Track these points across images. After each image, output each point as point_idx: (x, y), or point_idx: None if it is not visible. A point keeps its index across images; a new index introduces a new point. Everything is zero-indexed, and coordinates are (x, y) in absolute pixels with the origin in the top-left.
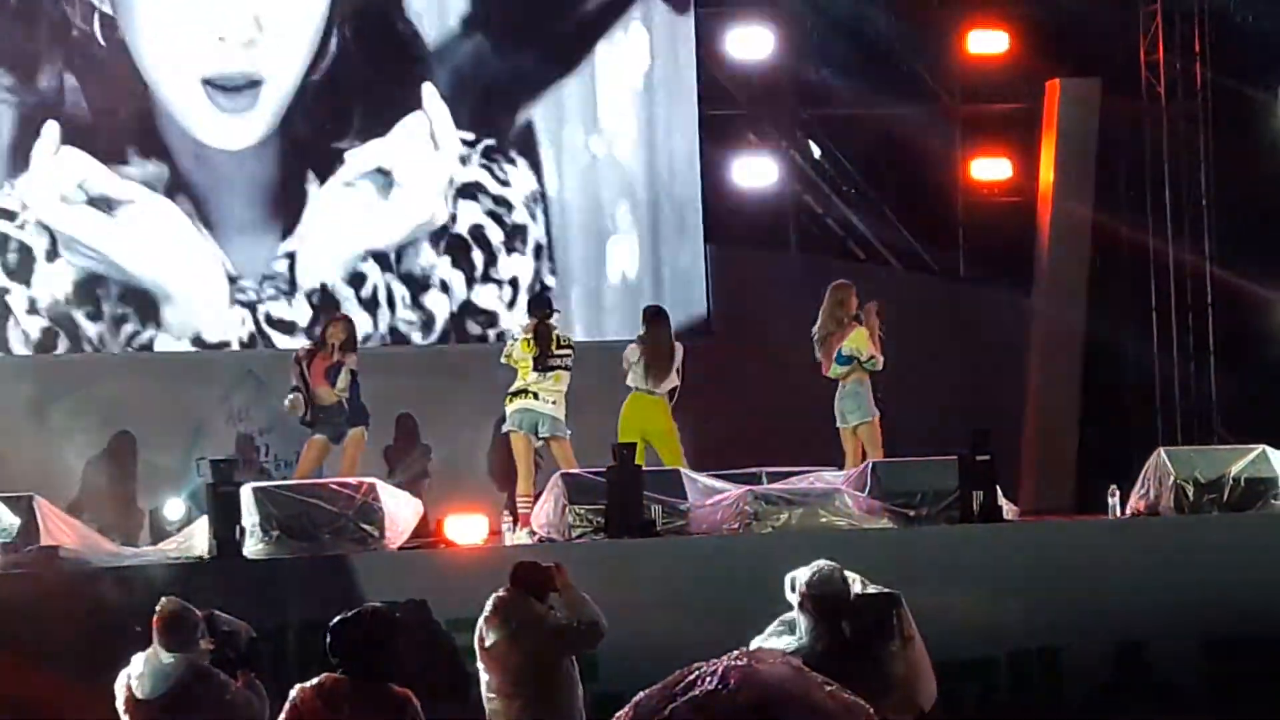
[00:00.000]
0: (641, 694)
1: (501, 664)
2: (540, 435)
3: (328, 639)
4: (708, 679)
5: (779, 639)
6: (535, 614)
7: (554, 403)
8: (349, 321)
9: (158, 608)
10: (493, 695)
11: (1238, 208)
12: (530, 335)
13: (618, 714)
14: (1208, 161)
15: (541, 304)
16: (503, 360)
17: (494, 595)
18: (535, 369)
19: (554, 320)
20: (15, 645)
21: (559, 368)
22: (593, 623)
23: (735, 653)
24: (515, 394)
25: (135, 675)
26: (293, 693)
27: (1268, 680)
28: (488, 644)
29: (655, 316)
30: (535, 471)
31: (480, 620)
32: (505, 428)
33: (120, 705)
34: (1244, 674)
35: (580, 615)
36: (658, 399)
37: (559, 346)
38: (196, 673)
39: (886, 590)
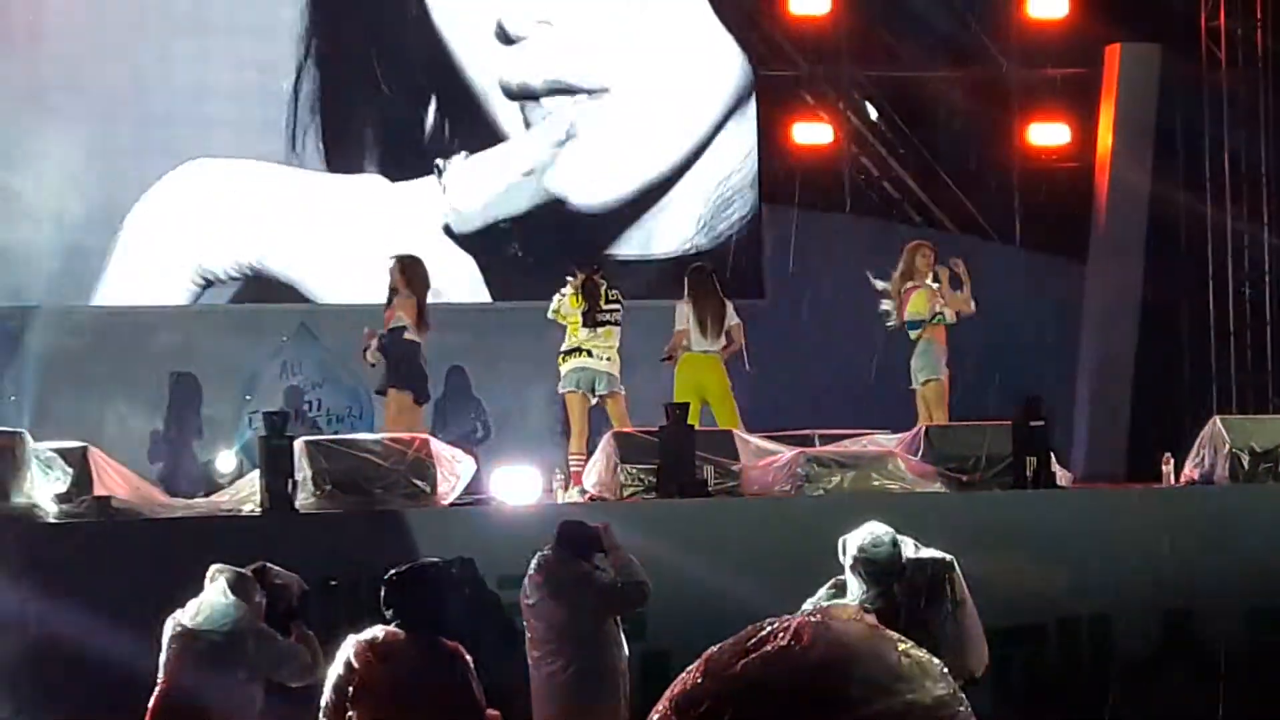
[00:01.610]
0: (713, 648)
1: (545, 622)
2: (597, 393)
3: (381, 591)
4: (780, 635)
5: (831, 601)
6: (580, 573)
7: (608, 359)
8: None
9: (210, 574)
10: (537, 653)
11: None
12: (578, 290)
13: (688, 669)
14: (1267, 129)
15: (587, 260)
16: (550, 315)
17: (538, 553)
18: (585, 325)
19: (600, 275)
20: (70, 595)
21: (608, 323)
22: (638, 583)
23: (809, 609)
24: (569, 353)
25: (190, 611)
26: (346, 644)
27: None
28: (531, 601)
29: (699, 275)
30: (589, 429)
31: (525, 578)
32: (561, 387)
33: (166, 638)
34: None
35: (626, 575)
36: (712, 358)
37: (607, 301)
38: (251, 623)
39: (939, 555)
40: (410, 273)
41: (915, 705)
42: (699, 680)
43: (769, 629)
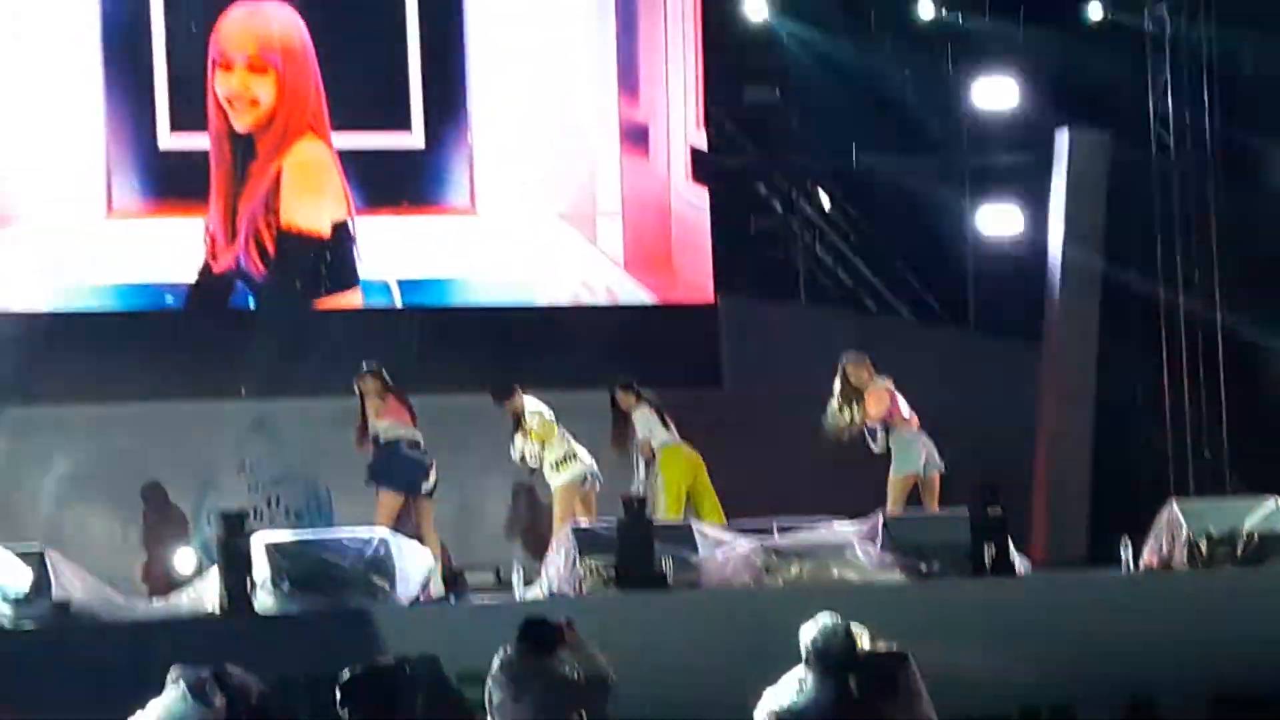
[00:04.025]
0: None
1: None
2: (586, 487)
3: (338, 694)
4: None
5: (787, 693)
6: (543, 670)
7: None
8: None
9: (169, 676)
10: None
11: (1248, 258)
12: (538, 410)
13: None
14: (1218, 212)
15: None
16: (530, 459)
17: (500, 652)
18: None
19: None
20: (26, 700)
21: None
22: (602, 678)
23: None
24: (565, 460)
25: (150, 715)
26: None
27: None
28: (495, 701)
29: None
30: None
31: (489, 677)
32: (573, 486)
33: None
34: None
35: (589, 671)
36: (679, 447)
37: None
38: None
39: (894, 649)
40: (363, 383)
41: None
42: None
43: None
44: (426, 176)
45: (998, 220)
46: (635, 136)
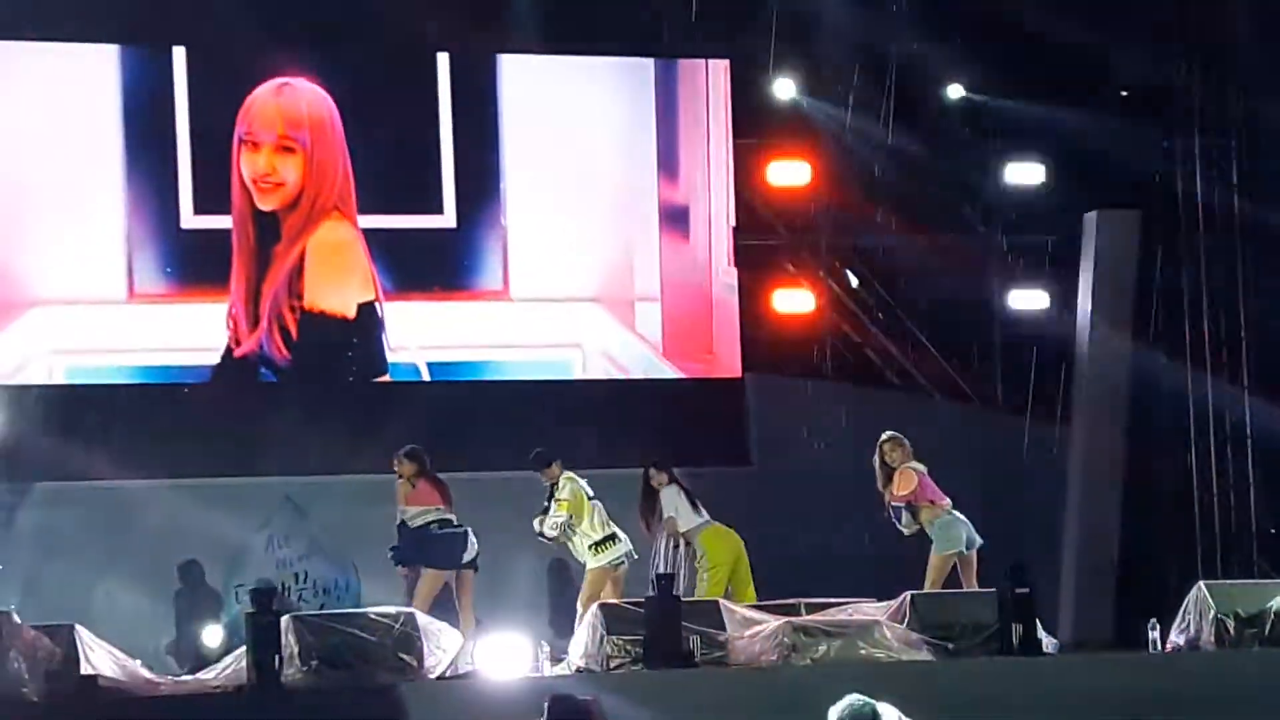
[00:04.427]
0: None
1: None
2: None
3: None
4: None
5: None
6: None
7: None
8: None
9: None
10: None
11: (1277, 339)
12: (578, 485)
13: None
14: (1246, 293)
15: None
16: (550, 529)
17: None
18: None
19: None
20: None
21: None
22: None
23: None
24: (605, 543)
25: None
26: None
27: None
28: None
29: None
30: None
31: None
32: (609, 569)
33: None
34: None
35: None
36: (715, 527)
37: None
38: None
39: None
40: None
41: None
42: None
43: None
44: (458, 259)
45: (1026, 300)
46: (675, 218)
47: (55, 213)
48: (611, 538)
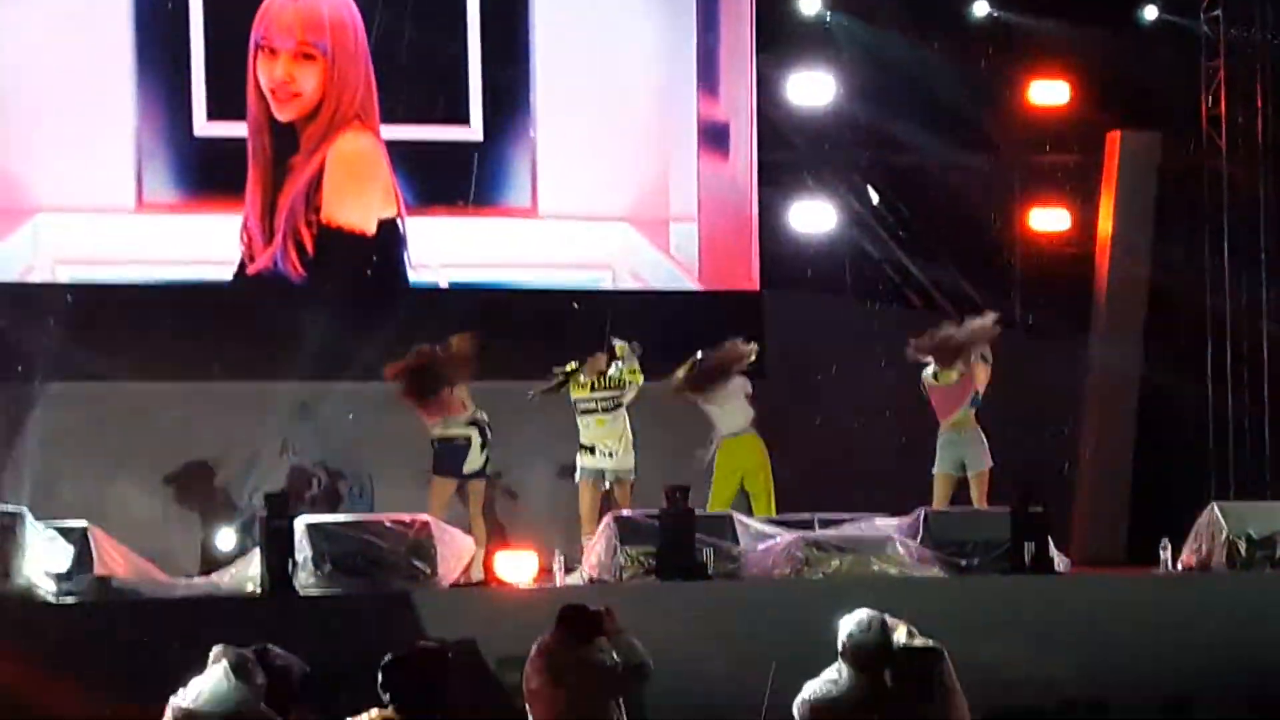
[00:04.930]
0: None
1: (547, 706)
2: (606, 483)
3: (379, 677)
4: None
5: (826, 686)
6: (581, 657)
7: (611, 453)
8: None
9: (212, 655)
10: None
11: None
12: (574, 375)
13: None
14: (1267, 216)
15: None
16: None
17: (539, 638)
18: (579, 414)
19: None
20: (68, 675)
21: (593, 410)
22: (639, 666)
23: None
24: (581, 448)
25: (191, 694)
26: None
27: None
28: (533, 686)
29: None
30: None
31: (527, 663)
32: (576, 477)
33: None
34: None
35: (627, 659)
36: (742, 439)
37: (600, 387)
38: (252, 707)
39: (930, 644)
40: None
41: None
42: None
43: None
44: (485, 173)
45: (1047, 220)
46: (714, 137)
47: (62, 116)
48: (585, 448)
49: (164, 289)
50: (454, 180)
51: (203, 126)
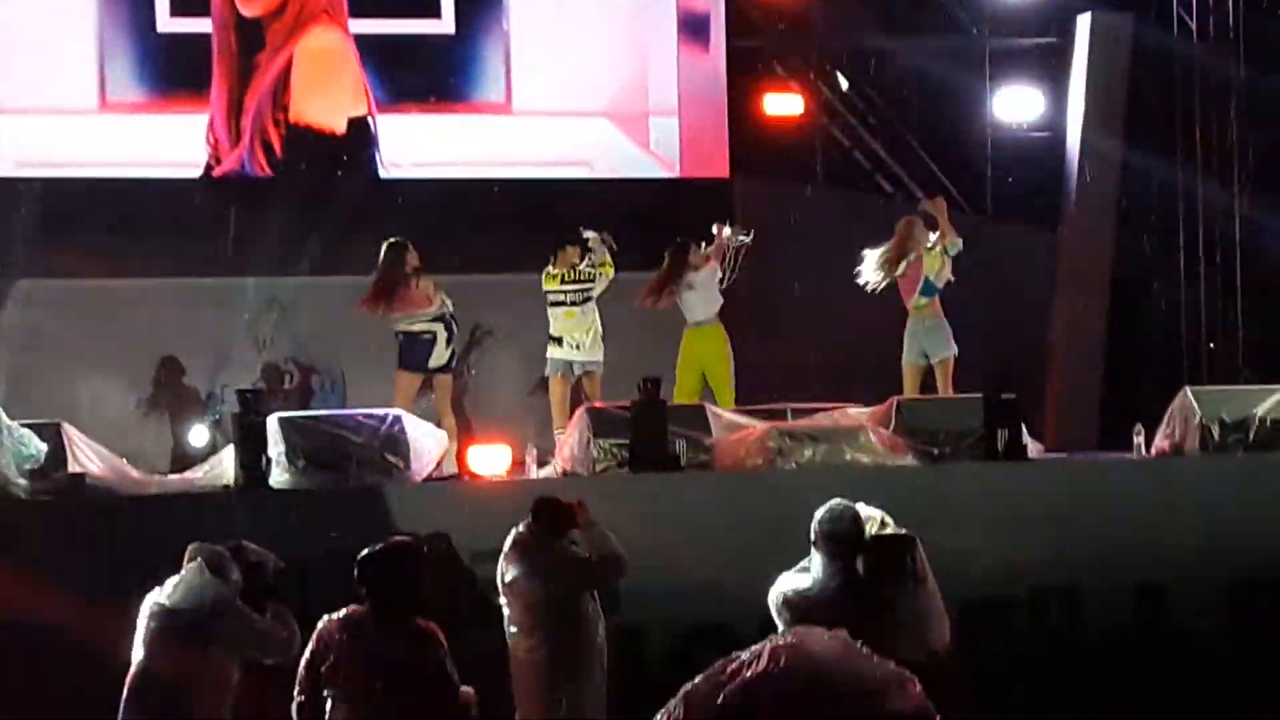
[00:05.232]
0: (688, 685)
1: (522, 599)
2: (575, 375)
3: (355, 571)
4: (756, 661)
5: (799, 576)
6: (555, 550)
7: (578, 346)
8: None
9: (188, 552)
10: (514, 629)
11: (1269, 147)
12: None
13: (666, 706)
14: (1239, 100)
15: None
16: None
17: (514, 531)
18: (550, 305)
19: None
20: (43, 572)
21: (563, 303)
22: (613, 558)
23: (781, 634)
24: (550, 339)
25: (167, 590)
26: (320, 624)
27: None
28: (507, 579)
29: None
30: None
31: (501, 555)
32: (546, 371)
33: (143, 617)
34: (1266, 617)
35: (601, 551)
36: (705, 329)
37: (570, 280)
38: (227, 602)
39: (902, 532)
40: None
41: (895, 713)
42: (681, 716)
43: (742, 658)
44: (457, 68)
45: (1017, 104)
46: (694, 28)
47: (20, 12)
48: (554, 339)
49: (131, 186)
50: (425, 76)
51: (166, 22)
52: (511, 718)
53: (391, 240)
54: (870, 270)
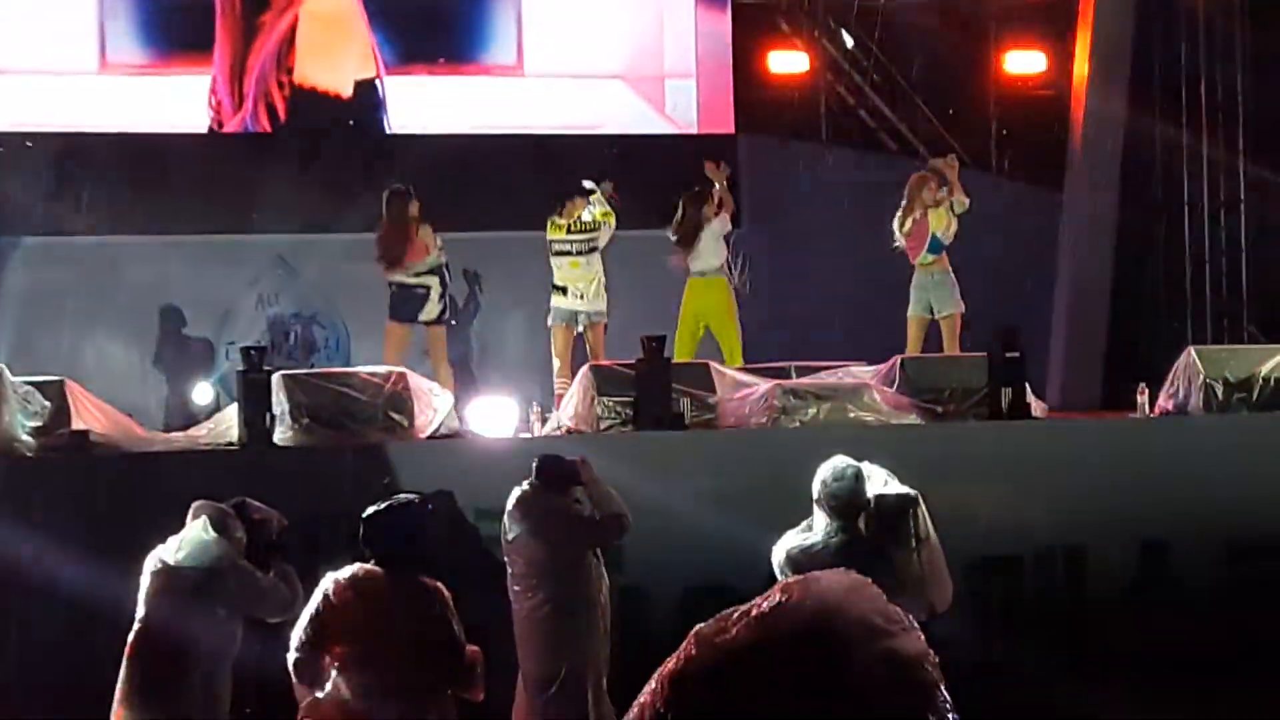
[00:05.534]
0: (700, 625)
1: (525, 557)
2: (579, 326)
3: (360, 529)
4: (767, 599)
5: (803, 534)
6: (558, 508)
7: (582, 296)
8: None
9: (192, 510)
10: (517, 587)
11: (1275, 106)
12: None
13: (680, 647)
14: (1244, 58)
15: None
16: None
17: (517, 489)
18: (552, 254)
19: (576, 199)
20: (47, 529)
21: (567, 253)
22: (616, 516)
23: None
24: (553, 289)
25: (171, 547)
26: (324, 582)
27: None
28: (510, 537)
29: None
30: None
31: (505, 513)
32: (548, 321)
33: (146, 575)
34: (1269, 576)
35: (604, 508)
36: (710, 280)
37: (576, 230)
38: (231, 560)
39: (905, 491)
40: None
41: (902, 651)
42: (693, 653)
43: (753, 601)
44: (467, 29)
45: (1022, 62)
46: None
47: None
48: (556, 288)
49: (134, 141)
50: (434, 36)
51: None
52: (515, 675)
53: (394, 187)
54: (896, 233)
